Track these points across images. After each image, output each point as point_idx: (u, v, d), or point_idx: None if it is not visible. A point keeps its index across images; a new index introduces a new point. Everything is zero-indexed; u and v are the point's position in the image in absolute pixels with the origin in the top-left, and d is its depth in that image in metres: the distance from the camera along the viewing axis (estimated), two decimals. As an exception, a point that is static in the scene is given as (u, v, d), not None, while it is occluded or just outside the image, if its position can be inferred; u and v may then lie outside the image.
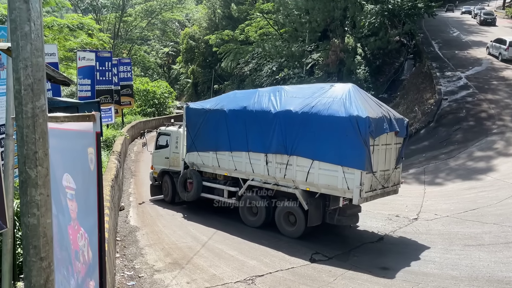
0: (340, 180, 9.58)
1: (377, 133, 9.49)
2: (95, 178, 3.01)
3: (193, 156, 12.91)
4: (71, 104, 10.59)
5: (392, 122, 10.08)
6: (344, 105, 9.59)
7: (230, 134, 11.77)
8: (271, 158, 10.85)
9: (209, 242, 10.01)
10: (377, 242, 10.14)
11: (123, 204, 13.11)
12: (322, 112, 9.82)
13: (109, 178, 9.99)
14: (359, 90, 10.35)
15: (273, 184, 10.98)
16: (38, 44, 2.15)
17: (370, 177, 9.53)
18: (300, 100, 10.52)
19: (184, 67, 62.04)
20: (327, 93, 10.26)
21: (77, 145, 3.20)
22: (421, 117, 23.22)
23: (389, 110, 10.64)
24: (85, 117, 3.00)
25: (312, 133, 10.01)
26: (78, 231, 3.32)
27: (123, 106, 29.13)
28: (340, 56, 30.44)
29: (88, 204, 3.13)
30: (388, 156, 10.18)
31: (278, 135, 10.65)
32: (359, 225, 11.43)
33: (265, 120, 10.93)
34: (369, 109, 9.55)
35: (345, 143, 9.44)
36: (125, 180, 16.90)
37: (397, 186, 10.76)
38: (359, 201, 9.47)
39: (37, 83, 2.16)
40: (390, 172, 10.29)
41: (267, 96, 11.34)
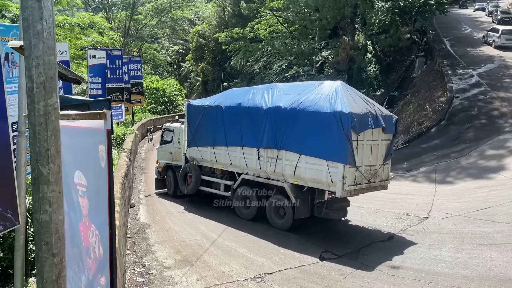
0: (324, 173, 9.99)
1: (361, 128, 9.85)
2: (106, 175, 3.02)
3: (193, 151, 13.49)
4: (82, 102, 10.68)
5: (378, 118, 10.39)
6: (330, 101, 10.01)
7: (226, 129, 12.35)
8: (263, 153, 11.33)
9: (218, 239, 10.04)
10: (387, 241, 10.09)
11: (133, 201, 13.21)
12: (309, 108, 10.29)
13: (119, 176, 10.06)
14: (347, 87, 10.75)
15: (265, 178, 11.46)
16: (50, 42, 2.17)
17: (353, 171, 9.91)
18: (290, 97, 11.00)
19: (193, 65, 62.15)
20: (316, 90, 10.69)
21: (88, 143, 3.23)
22: (432, 115, 23.01)
23: (377, 107, 10.89)
24: (96, 114, 3.02)
25: (300, 129, 10.49)
26: (89, 228, 3.35)
27: (134, 104, 29.29)
28: (350, 53, 30.27)
29: (99, 201, 3.15)
30: (374, 151, 10.51)
31: (269, 131, 11.15)
32: (370, 223, 11.39)
33: (257, 116, 11.45)
34: (353, 105, 9.91)
35: (329, 138, 9.88)
36: (135, 177, 17.01)
37: (386, 182, 11.08)
38: (342, 194, 9.81)
39: (49, 81, 2.18)
40: (377, 167, 10.63)
41: (260, 93, 11.87)
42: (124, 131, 20.28)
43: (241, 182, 12.06)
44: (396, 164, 19.69)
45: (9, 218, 4.22)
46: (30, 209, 5.59)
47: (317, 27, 33.95)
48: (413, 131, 22.75)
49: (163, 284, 7.46)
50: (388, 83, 31.38)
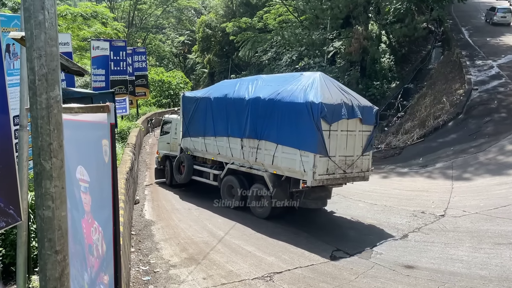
0: (298, 163, 10.69)
1: (333, 118, 10.49)
2: (109, 171, 3.04)
3: (187, 141, 14.56)
4: (85, 94, 10.74)
5: (354, 109, 10.92)
6: (304, 92, 10.70)
7: (214, 120, 13.28)
8: (246, 143, 12.17)
9: (225, 237, 10.08)
10: (401, 239, 10.06)
11: (138, 197, 13.29)
12: (285, 98, 11.03)
13: (123, 171, 10.13)
14: (326, 78, 11.39)
15: (248, 168, 12.27)
16: (52, 33, 2.18)
17: (325, 161, 10.53)
18: (270, 88, 11.78)
19: (200, 57, 62.14)
20: (295, 81, 11.42)
21: (91, 137, 3.24)
22: (449, 108, 22.82)
23: (356, 98, 11.39)
24: (99, 108, 3.03)
25: (277, 119, 11.22)
26: (92, 225, 3.37)
27: (138, 97, 29.40)
28: (363, 44, 30.02)
29: (102, 197, 3.17)
30: (351, 142, 11.06)
31: (250, 121, 11.95)
32: (383, 221, 11.36)
33: (240, 107, 12.28)
34: (327, 95, 10.51)
35: (302, 127, 10.56)
36: (140, 173, 17.12)
37: (366, 173, 11.59)
38: (313, 183, 10.44)
39: (52, 73, 2.19)
40: (354, 158, 11.16)
41: (245, 85, 12.75)
42: (128, 125, 20.40)
43: (227, 171, 12.91)
44: (411, 160, 19.58)
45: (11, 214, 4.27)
46: (32, 205, 5.65)
47: (329, 16, 33.71)
48: (429, 125, 22.59)
49: (169, 283, 7.52)
50: (403, 75, 31.14)
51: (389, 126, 26.64)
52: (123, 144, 15.87)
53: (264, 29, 44.20)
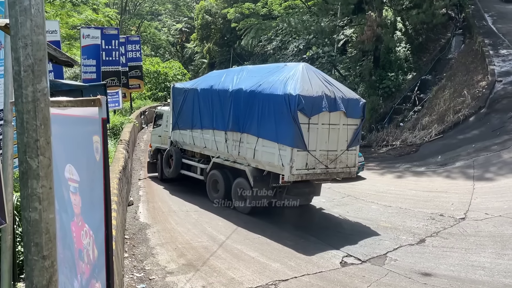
0: (276, 157, 11.14)
1: (313, 111, 10.84)
2: (101, 170, 3.05)
3: (176, 134, 15.32)
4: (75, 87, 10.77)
5: (337, 101, 11.27)
6: (284, 83, 11.13)
7: (201, 112, 13.92)
8: (229, 136, 12.72)
9: (227, 241, 10.10)
10: (418, 245, 10.05)
11: (132, 198, 13.34)
12: (265, 90, 11.52)
13: (116, 170, 10.15)
14: (310, 69, 11.79)
15: (232, 162, 12.82)
16: (39, 20, 2.18)
17: (304, 155, 10.94)
18: (254, 79, 12.29)
19: (199, 46, 62.11)
20: (278, 72, 11.92)
21: (81, 133, 3.25)
22: (470, 102, 22.74)
23: (340, 90, 11.72)
24: (90, 101, 3.04)
25: (257, 111, 11.69)
26: (82, 228, 3.38)
27: (132, 89, 29.44)
28: (377, 31, 29.90)
29: (93, 198, 3.18)
30: (334, 136, 11.43)
31: (233, 113, 12.50)
32: (398, 224, 11.35)
33: (224, 99, 12.85)
34: (306, 87, 10.89)
35: (280, 120, 11.01)
36: (134, 172, 17.16)
37: (352, 169, 11.95)
38: (290, 178, 10.85)
39: (38, 64, 2.19)
40: (338, 153, 11.55)
41: (231, 76, 13.36)
42: (121, 120, 20.44)
43: (212, 165, 13.55)
44: (428, 158, 19.55)
45: (-5, 217, 4.29)
46: (17, 207, 5.67)
47: (339, 2, 33.59)
48: (448, 120, 22.53)
49: (165, 291, 7.54)
50: (420, 65, 31.02)
51: (405, 121, 26.59)
52: (115, 141, 15.91)
53: (268, 15, 44.09)
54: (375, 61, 31.08)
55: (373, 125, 27.73)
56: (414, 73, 30.45)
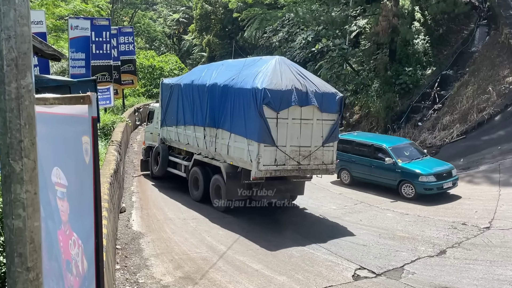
0: (246, 152, 11.80)
1: (281, 106, 11.43)
2: (91, 173, 3.05)
3: (164, 131, 16.28)
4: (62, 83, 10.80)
5: (309, 96, 11.80)
6: (254, 77, 11.81)
7: (184, 109, 14.80)
8: (208, 132, 13.48)
9: (228, 252, 10.10)
10: (438, 256, 10.02)
11: (124, 205, 13.35)
12: (237, 84, 12.26)
13: (107, 173, 10.16)
14: (284, 63, 12.40)
15: (210, 158, 13.60)
16: (23, 10, 2.19)
17: (272, 151, 11.58)
18: (230, 74, 13.05)
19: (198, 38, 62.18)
20: (253, 66, 12.68)
21: (69, 133, 3.25)
22: (496, 99, 22.66)
23: (315, 84, 12.24)
24: (79, 98, 3.05)
25: (230, 106, 12.42)
26: (70, 237, 3.38)
27: (124, 85, 29.54)
28: (393, 22, 29.86)
29: (82, 204, 3.18)
30: (306, 132, 11.99)
31: (209, 109, 13.31)
32: (417, 234, 11.32)
33: (202, 94, 13.69)
34: (275, 81, 11.51)
35: (248, 115, 11.69)
36: (127, 175, 17.19)
37: (330, 166, 12.52)
38: (257, 174, 11.46)
39: (22, 58, 2.19)
40: (311, 149, 12.11)
41: (211, 70, 14.27)
42: (113, 118, 20.46)
43: (194, 162, 14.40)
44: (449, 161, 19.49)
45: (-25, 224, 4.30)
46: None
47: (352, -11, 33.62)
48: (471, 119, 22.46)
49: (161, 307, 7.55)
50: (441, 59, 30.95)
51: (424, 120, 26.54)
52: (106, 142, 15.93)
53: (274, 4, 44.12)
54: (391, 54, 31.01)
55: (389, 124, 27.68)
56: (434, 68, 30.37)
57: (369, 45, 33.56)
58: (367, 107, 31.05)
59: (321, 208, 13.85)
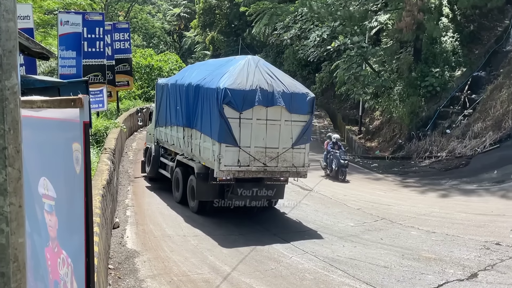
0: (211, 152, 12.90)
1: (244, 106, 12.42)
2: (81, 184, 3.06)
3: (157, 131, 17.84)
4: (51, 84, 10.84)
5: (275, 96, 12.72)
6: (221, 77, 12.89)
7: (170, 109, 16.22)
8: (186, 132, 14.78)
9: (232, 273, 10.07)
10: (469, 280, 9.95)
11: (118, 220, 13.37)
12: (206, 84, 13.39)
13: (99, 185, 10.19)
14: (254, 62, 13.31)
15: (188, 159, 14.71)
16: (9, 3, 2.20)
17: (235, 151, 12.60)
18: (205, 73, 14.35)
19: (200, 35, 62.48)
20: (225, 65, 13.91)
21: (59, 139, 3.26)
22: (534, 104, 22.56)
23: (284, 84, 13.07)
24: (69, 101, 3.06)
25: (200, 106, 13.63)
26: (58, 255, 3.39)
27: (119, 87, 29.66)
28: (418, 18, 29.86)
29: (72, 219, 3.19)
30: (274, 133, 12.92)
31: (186, 108, 14.67)
32: (444, 255, 11.25)
33: (182, 93, 15.06)
34: (240, 81, 12.54)
35: (212, 115, 12.77)
36: (121, 187, 17.23)
37: (301, 169, 13.35)
38: (219, 174, 12.52)
39: (7, 56, 2.21)
40: (280, 150, 13.02)
41: (193, 69, 16.00)
42: (106, 124, 20.54)
43: (177, 163, 15.62)
44: (481, 173, 19.40)
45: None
46: (-20, 229, 5.71)
47: (372, -19, 33.67)
48: (506, 126, 22.37)
49: (157, 334, 7.53)
50: (472, 59, 30.87)
51: (452, 127, 26.45)
52: (98, 150, 15.99)
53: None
54: (415, 54, 30.98)
55: (413, 132, 27.62)
56: (464, 69, 30.29)
57: (391, 43, 33.58)
58: (388, 112, 31.04)
59: (337, 225, 13.82)
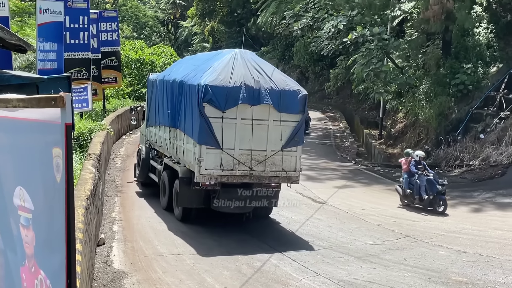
0: (193, 155, 13.28)
1: (227, 104, 12.82)
2: (62, 195, 3.05)
3: (147, 132, 18.25)
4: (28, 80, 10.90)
5: (261, 93, 13.02)
6: (204, 73, 13.32)
7: (158, 107, 16.65)
8: (173, 133, 15.18)
9: (234, 298, 10.06)
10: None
11: (103, 236, 13.37)
12: (189, 80, 13.82)
13: (83, 196, 10.20)
14: (241, 57, 13.70)
15: (174, 162, 15.11)
16: (-18, -12, 2.22)
17: (217, 154, 12.99)
18: (191, 68, 14.89)
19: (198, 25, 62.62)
20: (210, 60, 14.46)
21: (37, 144, 3.26)
22: None
23: (273, 80, 13.40)
24: (49, 100, 3.06)
25: (184, 104, 14.08)
26: (35, 276, 3.38)
27: (106, 84, 29.73)
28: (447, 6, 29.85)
29: (51, 234, 3.18)
30: (261, 134, 13.27)
31: (171, 107, 15.13)
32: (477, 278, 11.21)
33: (167, 90, 15.61)
34: (223, 77, 12.95)
35: (194, 114, 13.16)
36: (107, 198, 17.23)
37: (292, 174, 13.62)
38: (199, 178, 12.91)
39: (-20, 48, 2.23)
40: (268, 153, 13.33)
41: (181, 64, 16.66)
42: (91, 126, 20.58)
43: (164, 166, 16.00)
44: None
45: None
46: None
47: (395, -35, 33.69)
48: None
49: None
50: (509, 54, 30.79)
51: (487, 132, 26.35)
52: (82, 155, 16.01)
53: (295, -17, 44.25)
54: (444, 47, 30.90)
55: (442, 137, 27.53)
56: (500, 65, 30.21)
57: (417, 35, 33.50)
58: (413, 114, 30.94)
59: (354, 243, 13.77)
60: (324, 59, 46.03)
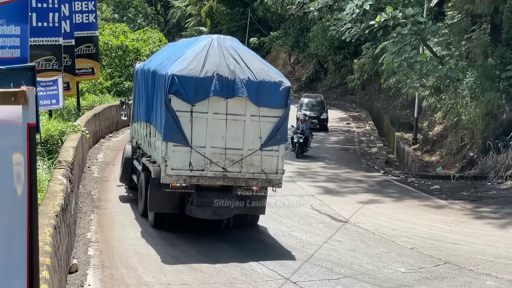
0: (160, 152, 13.92)
1: (197, 97, 13.45)
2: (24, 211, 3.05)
3: (132, 128, 19.48)
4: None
5: (237, 85, 13.58)
6: (175, 61, 14.06)
7: (139, 100, 17.69)
8: (148, 129, 15.94)
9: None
10: None
11: (76, 261, 13.36)
12: (160, 70, 14.53)
13: (51, 212, 10.19)
14: (218, 43, 14.25)
15: (151, 161, 15.66)
16: None
17: (186, 152, 13.60)
18: (165, 56, 15.91)
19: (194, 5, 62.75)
20: (186, 47, 15.25)
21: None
22: None
23: (252, 70, 13.94)
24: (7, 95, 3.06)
25: (155, 97, 14.87)
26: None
27: (81, 76, 29.76)
28: (496, -16, 29.88)
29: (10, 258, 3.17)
30: (237, 130, 13.87)
31: (145, 100, 16.08)
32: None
33: (146, 81, 16.31)
34: (194, 66, 13.56)
35: (162, 107, 13.75)
36: (81, 215, 17.23)
37: (273, 176, 14.14)
38: (165, 179, 13.55)
39: None
40: (245, 153, 13.88)
41: (162, 52, 18.24)
42: (62, 127, 20.57)
43: (143, 167, 16.60)
44: None
45: None
46: None
47: None
48: None
49: None
50: None
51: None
52: (51, 163, 16.01)
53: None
54: (493, 33, 30.87)
55: (490, 141, 27.38)
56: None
57: (460, 18, 33.50)
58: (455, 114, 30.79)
59: (383, 271, 13.72)
60: (346, 47, 46.18)
